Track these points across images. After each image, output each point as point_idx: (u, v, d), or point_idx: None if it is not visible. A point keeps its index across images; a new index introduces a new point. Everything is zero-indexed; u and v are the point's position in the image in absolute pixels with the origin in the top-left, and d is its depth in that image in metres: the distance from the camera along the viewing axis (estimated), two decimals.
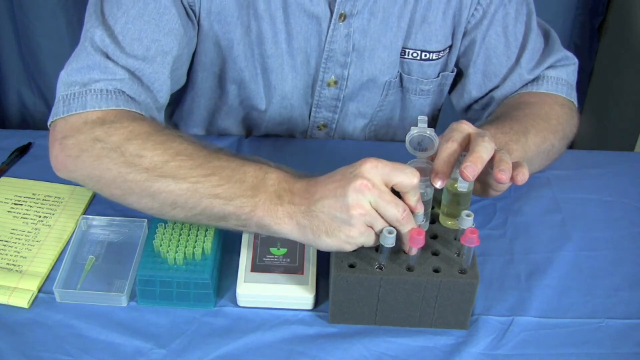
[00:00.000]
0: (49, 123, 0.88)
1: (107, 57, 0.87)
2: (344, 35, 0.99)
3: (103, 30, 0.88)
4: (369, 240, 0.74)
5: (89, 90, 0.85)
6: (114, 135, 0.81)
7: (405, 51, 1.04)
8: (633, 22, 1.70)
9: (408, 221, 0.73)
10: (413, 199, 0.74)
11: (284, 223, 0.74)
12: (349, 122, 1.13)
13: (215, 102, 1.11)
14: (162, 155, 0.78)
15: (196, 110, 1.12)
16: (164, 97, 0.93)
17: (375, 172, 0.72)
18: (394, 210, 0.72)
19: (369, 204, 0.71)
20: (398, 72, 1.07)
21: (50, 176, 0.98)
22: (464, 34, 1.04)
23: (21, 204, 0.94)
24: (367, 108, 1.11)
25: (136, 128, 0.81)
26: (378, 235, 0.74)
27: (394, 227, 0.73)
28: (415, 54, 1.04)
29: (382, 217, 0.73)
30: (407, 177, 0.72)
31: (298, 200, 0.74)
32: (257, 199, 0.75)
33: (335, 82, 1.04)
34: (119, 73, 0.86)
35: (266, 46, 0.99)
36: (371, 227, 0.73)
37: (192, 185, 0.76)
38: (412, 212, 0.74)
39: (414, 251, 0.75)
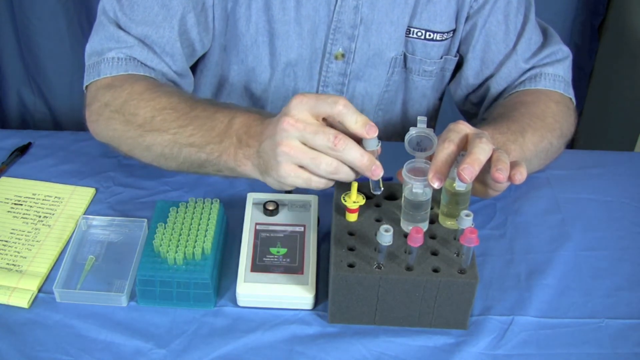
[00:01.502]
0: (84, 91, 0.97)
1: (120, 27, 0.95)
2: (353, 7, 1.01)
3: (116, 2, 0.95)
4: (298, 180, 0.73)
5: (103, 59, 0.94)
6: (117, 98, 0.89)
7: (410, 30, 1.06)
8: (633, 22, 1.70)
9: (345, 146, 0.71)
10: (352, 123, 0.72)
11: (244, 165, 0.78)
12: (356, 104, 1.13)
13: (219, 80, 1.12)
14: (151, 111, 0.84)
15: (202, 88, 1.13)
16: (179, 62, 0.99)
17: (301, 107, 0.72)
18: (322, 137, 0.71)
19: (296, 141, 0.71)
20: (402, 51, 1.08)
21: (50, 176, 0.98)
22: (467, 18, 1.06)
23: (21, 204, 0.94)
24: (373, 87, 1.12)
25: (134, 88, 0.88)
26: (316, 174, 0.73)
27: (335, 157, 0.72)
28: (419, 33, 1.06)
29: (316, 150, 0.72)
30: (329, 105, 0.72)
31: (252, 142, 0.77)
32: (223, 144, 0.79)
33: (343, 55, 1.06)
34: (129, 41, 0.94)
35: (274, 11, 1.01)
36: (303, 167, 0.73)
37: (172, 136, 0.82)
38: (361, 139, 0.73)
39: (377, 174, 0.73)
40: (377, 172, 0.74)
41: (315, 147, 0.72)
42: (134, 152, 0.88)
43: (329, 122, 0.75)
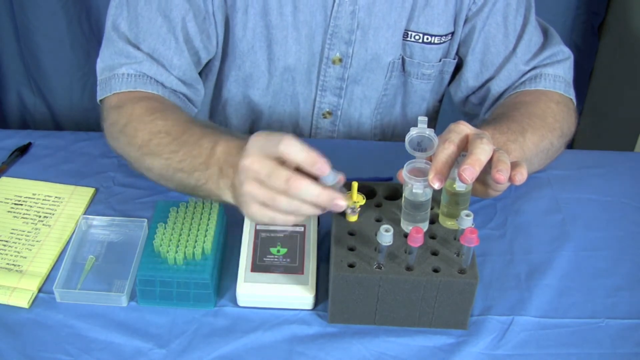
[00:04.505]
0: (100, 104, 0.99)
1: (129, 42, 0.96)
2: (349, 12, 1.01)
3: (123, 17, 0.96)
4: (264, 219, 0.73)
5: (114, 75, 0.95)
6: (121, 118, 0.90)
7: (407, 34, 1.06)
8: (633, 22, 1.70)
9: (299, 188, 0.69)
10: (299, 163, 0.70)
11: (227, 195, 0.78)
12: (354, 108, 1.14)
13: (218, 86, 1.12)
14: (148, 135, 0.86)
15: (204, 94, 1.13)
16: (188, 72, 1.00)
17: (256, 146, 0.72)
18: (275, 180, 0.70)
19: (255, 182, 0.71)
20: (400, 55, 1.08)
21: (50, 176, 0.99)
22: (465, 21, 1.05)
23: (21, 204, 0.94)
24: (371, 91, 1.12)
25: (135, 110, 0.90)
26: (284, 212, 0.71)
27: (292, 198, 0.71)
28: (417, 37, 1.06)
29: (274, 190, 0.71)
30: (274, 146, 0.70)
31: (230, 172, 0.77)
32: (207, 172, 0.79)
33: (340, 60, 1.06)
34: (138, 56, 0.95)
35: (271, 17, 1.01)
36: (267, 204, 0.72)
37: (165, 161, 0.83)
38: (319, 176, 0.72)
39: (340, 207, 0.71)
40: (339, 205, 0.72)
41: (272, 189, 0.71)
42: (140, 170, 0.89)
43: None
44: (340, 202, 0.71)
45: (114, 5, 0.98)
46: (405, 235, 0.76)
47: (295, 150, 0.70)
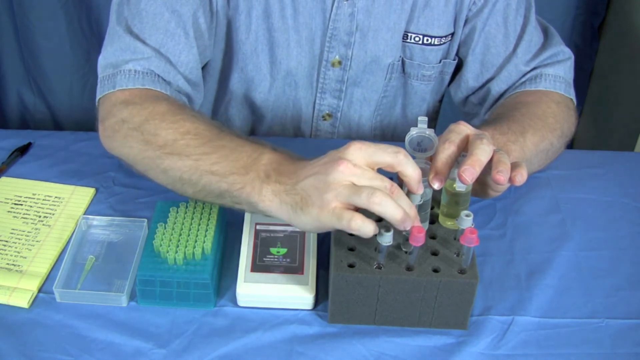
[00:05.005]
0: (96, 104, 0.94)
1: (136, 37, 0.92)
2: (348, 14, 1.01)
3: (127, 12, 0.94)
4: (334, 219, 0.71)
5: (120, 71, 0.91)
6: (136, 116, 0.86)
7: (407, 35, 1.06)
8: (633, 22, 1.70)
9: (399, 195, 0.71)
10: (409, 174, 0.72)
11: (269, 201, 0.75)
12: (354, 110, 1.14)
13: (220, 87, 1.12)
14: (173, 134, 0.82)
15: (204, 95, 1.13)
16: (195, 70, 0.98)
17: (359, 153, 0.72)
18: (380, 184, 0.71)
19: (350, 183, 0.71)
20: (400, 56, 1.08)
21: (50, 176, 0.99)
22: (465, 22, 1.05)
23: (21, 204, 0.94)
24: (371, 93, 1.12)
25: (156, 108, 0.86)
26: (365, 204, 0.70)
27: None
28: (417, 38, 1.05)
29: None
30: (390, 155, 0.72)
31: (284, 179, 0.75)
32: (247, 177, 0.76)
33: (340, 63, 1.06)
34: (146, 52, 0.92)
35: (273, 19, 1.01)
36: (347, 207, 0.71)
37: (194, 162, 0.79)
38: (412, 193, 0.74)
39: (416, 240, 0.73)
40: (417, 226, 0.73)
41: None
42: (149, 173, 0.85)
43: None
44: (419, 224, 0.73)
45: (116, 2, 0.96)
46: (406, 236, 0.76)
47: (410, 162, 0.72)
